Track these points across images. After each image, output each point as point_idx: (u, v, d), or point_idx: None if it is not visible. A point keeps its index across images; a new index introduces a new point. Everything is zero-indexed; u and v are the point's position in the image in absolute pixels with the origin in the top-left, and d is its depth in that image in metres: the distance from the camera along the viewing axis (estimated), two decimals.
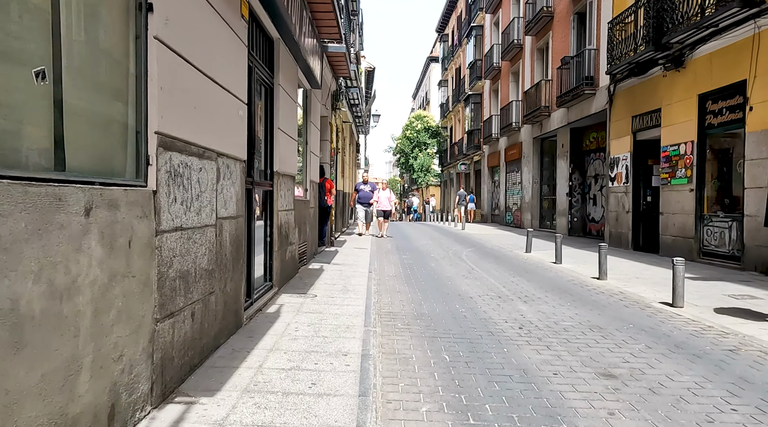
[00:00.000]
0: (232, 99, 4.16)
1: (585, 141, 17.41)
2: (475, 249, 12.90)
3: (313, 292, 6.41)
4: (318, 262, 9.21)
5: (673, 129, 10.99)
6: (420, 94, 63.78)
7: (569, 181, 17.65)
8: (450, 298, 6.49)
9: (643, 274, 8.81)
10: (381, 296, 6.47)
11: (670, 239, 11.07)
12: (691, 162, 10.38)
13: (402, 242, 14.63)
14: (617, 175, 13.45)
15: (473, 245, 13.91)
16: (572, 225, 17.67)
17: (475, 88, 30.47)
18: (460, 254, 11.75)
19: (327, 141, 11.84)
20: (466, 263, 10.03)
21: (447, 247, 13.34)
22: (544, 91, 18.58)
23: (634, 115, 12.65)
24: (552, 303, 6.32)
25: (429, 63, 54.63)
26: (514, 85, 23.79)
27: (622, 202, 13.17)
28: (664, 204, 11.35)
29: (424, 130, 41.86)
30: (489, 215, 28.55)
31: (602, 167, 16.40)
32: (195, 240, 3.39)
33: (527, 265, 10.02)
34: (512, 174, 24.06)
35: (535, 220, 20.92)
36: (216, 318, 3.86)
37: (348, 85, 15.20)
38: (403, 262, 9.99)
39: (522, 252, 12.23)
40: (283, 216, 6.61)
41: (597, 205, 16.75)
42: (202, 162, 3.51)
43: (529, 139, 21.06)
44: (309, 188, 9.05)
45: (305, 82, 8.56)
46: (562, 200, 18.13)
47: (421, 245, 13.56)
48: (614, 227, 13.57)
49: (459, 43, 36.79)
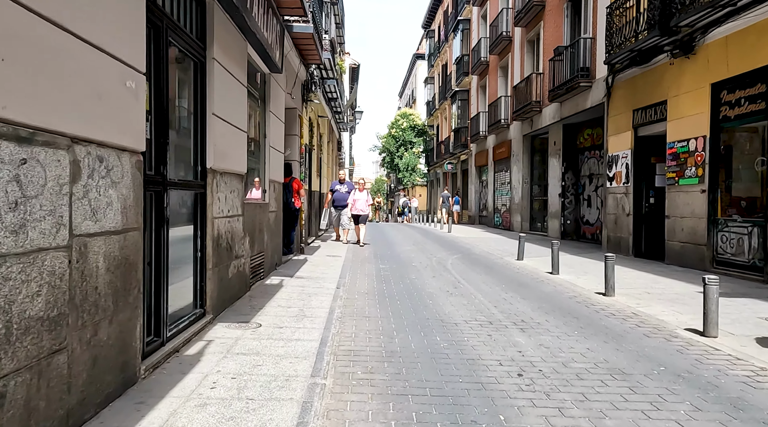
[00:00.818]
0: (109, 62, 2.88)
1: (579, 138, 16.31)
2: (461, 256, 11.69)
3: (259, 319, 5.13)
4: (279, 275, 7.92)
5: (681, 123, 9.87)
6: (406, 92, 62.61)
7: (562, 181, 16.54)
8: (430, 325, 5.25)
9: (654, 288, 7.65)
10: (344, 324, 5.21)
11: (678, 245, 9.95)
12: (702, 159, 9.26)
13: (382, 248, 13.39)
14: (616, 175, 12.34)
15: (460, 251, 12.71)
16: (565, 228, 16.56)
17: (462, 84, 29.33)
18: (445, 262, 10.53)
19: (296, 136, 10.55)
20: (451, 275, 8.81)
21: (431, 253, 12.12)
22: (535, 86, 17.44)
23: (635, 109, 11.53)
24: (555, 331, 5.11)
25: (415, 60, 53.47)
26: (502, 80, 22.67)
27: (622, 203, 12.05)
28: (670, 206, 10.23)
29: (410, 129, 40.67)
30: (476, 217, 27.42)
31: (598, 166, 15.30)
32: (8, 276, 2.11)
33: (520, 276, 8.83)
34: (501, 174, 22.94)
35: (525, 222, 19.80)
36: (70, 387, 2.57)
37: (324, 76, 13.91)
38: (380, 273, 8.74)
39: (513, 259, 11.05)
40: (223, 224, 5.33)
41: (592, 206, 15.66)
42: (27, 150, 2.23)
43: (519, 136, 19.94)
44: (269, 189, 7.76)
45: (262, 65, 7.28)
46: (554, 201, 17.02)
47: (403, 252, 12.33)
48: (613, 231, 12.45)
49: (445, 38, 35.66)
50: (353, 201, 12.38)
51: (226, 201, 5.40)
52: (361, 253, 11.69)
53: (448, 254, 11.96)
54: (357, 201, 12.40)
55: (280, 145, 8.58)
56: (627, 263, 10.47)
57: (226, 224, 5.42)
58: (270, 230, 7.88)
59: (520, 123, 19.64)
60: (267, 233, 7.62)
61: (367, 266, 9.62)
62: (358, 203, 12.56)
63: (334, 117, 20.49)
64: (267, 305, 5.80)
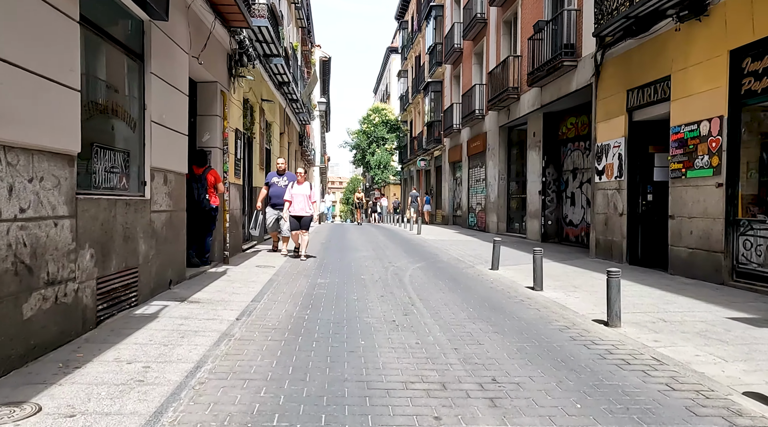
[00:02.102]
0: None
1: (561, 128, 14.51)
2: (425, 265, 9.72)
3: (45, 399, 3.03)
4: (168, 298, 5.81)
5: (689, 102, 8.06)
6: (381, 88, 60.61)
7: (542, 176, 14.72)
8: (342, 402, 3.21)
9: (668, 312, 5.77)
10: (195, 404, 3.14)
11: (686, 252, 8.14)
12: (718, 146, 7.45)
13: (333, 254, 11.34)
14: (606, 168, 10.52)
15: (424, 258, 10.74)
16: (546, 229, 14.75)
17: (435, 75, 27.45)
18: (403, 273, 8.55)
19: (216, 117, 8.44)
20: (406, 292, 6.82)
21: (390, 261, 10.12)
22: (512, 70, 15.60)
23: (629, 89, 9.71)
24: (546, 403, 3.15)
25: (389, 54, 51.49)
26: (477, 68, 20.82)
27: (614, 201, 10.23)
28: (675, 204, 8.42)
29: (382, 124, 38.66)
30: (450, 217, 25.56)
31: (583, 159, 13.51)
32: None
33: (494, 293, 6.88)
34: (476, 169, 21.09)
35: (501, 222, 17.96)
36: None
37: (267, 51, 11.79)
38: (313, 292, 6.70)
39: (486, 268, 9.14)
40: (6, 232, 3.23)
41: (576, 205, 13.86)
42: None
43: (495, 128, 18.09)
44: (150, 181, 5.65)
45: (132, 5, 5.17)
46: (533, 200, 15.20)
47: (356, 260, 10.31)
48: (603, 234, 10.63)
49: (419, 28, 33.76)
50: (291, 197, 9.58)
51: (13, 196, 3.30)
52: (303, 262, 9.62)
53: (409, 262, 9.98)
54: (295, 197, 9.45)
55: (179, 123, 6.47)
56: (623, 274, 8.63)
57: (14, 232, 3.32)
58: (156, 235, 5.78)
59: (496, 113, 17.80)
60: (146, 240, 5.51)
61: (301, 281, 7.56)
62: (297, 201, 9.46)
63: (290, 105, 18.36)
64: (96, 359, 3.70)
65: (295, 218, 9.51)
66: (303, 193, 9.45)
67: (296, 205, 9.40)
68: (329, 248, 12.58)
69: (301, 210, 9.45)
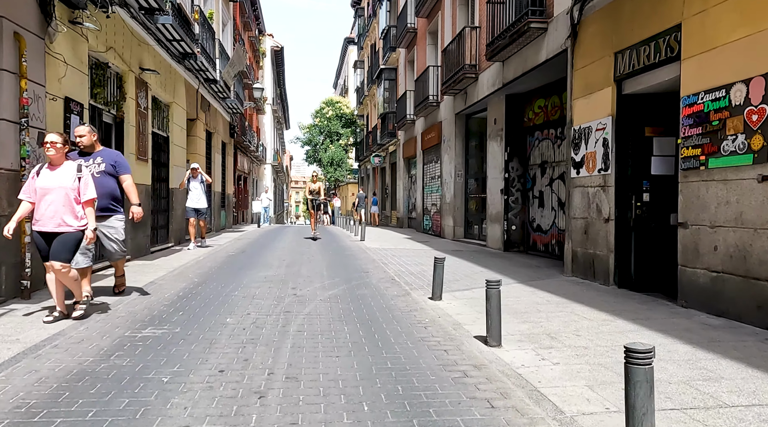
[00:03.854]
0: None
1: (527, 113, 11.99)
2: (344, 290, 6.96)
3: None
4: None
5: (712, 58, 5.54)
6: (339, 82, 57.67)
7: (505, 172, 12.19)
8: None
9: (717, 392, 3.16)
10: None
11: (706, 275, 5.62)
12: (762, 120, 4.94)
13: (226, 274, 8.48)
14: (587, 158, 7.99)
15: (350, 278, 7.98)
16: (509, 236, 12.21)
17: (389, 61, 24.79)
18: (303, 307, 5.76)
19: (12, 74, 5.46)
20: (276, 356, 4.03)
21: (299, 284, 7.33)
22: (469, 44, 13.02)
23: (618, 51, 7.20)
24: None
25: (347, 45, 48.58)
26: (432, 49, 18.23)
27: (597, 202, 7.70)
28: (689, 207, 5.90)
29: (336, 118, 35.76)
30: (405, 219, 22.93)
31: (553, 150, 11.02)
32: None
33: (423, 358, 4.14)
34: (430, 165, 18.50)
35: (458, 227, 15.38)
36: None
37: (144, 3, 8.79)
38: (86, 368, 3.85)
39: (426, 297, 6.46)
40: None
41: (545, 206, 11.37)
42: None
43: (451, 116, 15.50)
44: None
45: None
46: (494, 200, 12.65)
47: (255, 282, 7.47)
48: (581, 245, 8.09)
49: (373, 12, 31.06)
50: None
51: None
52: (175, 285, 6.72)
53: (324, 286, 7.19)
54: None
55: None
56: (611, 303, 6.08)
57: None
58: None
59: (452, 98, 15.21)
60: None
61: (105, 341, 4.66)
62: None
63: (207, 87, 15.31)
64: None
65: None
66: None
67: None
68: (232, 264, 9.69)
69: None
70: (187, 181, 11.25)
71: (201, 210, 11.35)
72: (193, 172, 11.30)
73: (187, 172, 11.50)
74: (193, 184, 11.20)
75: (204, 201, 11.31)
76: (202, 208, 11.33)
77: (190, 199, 11.17)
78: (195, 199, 11.16)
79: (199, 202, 11.19)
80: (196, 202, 11.19)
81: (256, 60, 37.96)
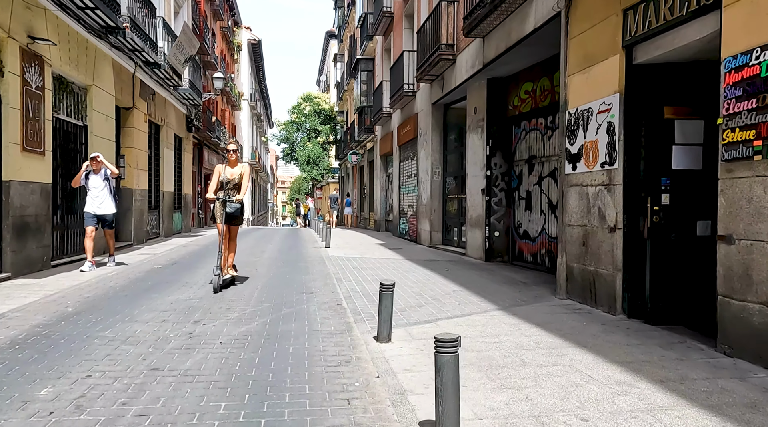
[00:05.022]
0: None
1: (512, 100, 10.27)
2: (264, 324, 5.15)
3: None
4: None
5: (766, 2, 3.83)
6: (321, 78, 55.77)
7: (486, 169, 10.45)
8: None
9: None
10: None
11: (763, 311, 3.89)
12: None
13: (123, 298, 6.64)
14: (586, 149, 6.26)
15: (281, 303, 6.17)
16: (492, 243, 10.47)
17: (367, 51, 23.02)
18: (183, 359, 3.96)
19: None
20: None
21: (203, 316, 5.50)
22: (446, 21, 11.27)
23: (627, 8, 5.47)
24: None
25: (328, 40, 46.73)
26: (408, 33, 16.48)
27: (599, 206, 5.98)
28: (734, 214, 4.17)
29: (315, 114, 33.88)
30: (382, 221, 21.17)
31: (543, 143, 9.30)
32: None
33: None
34: (407, 163, 16.74)
35: (436, 232, 13.63)
36: None
37: None
38: None
39: (371, 337, 4.68)
40: None
41: (533, 209, 9.65)
42: None
43: (427, 106, 13.75)
44: None
45: None
46: (475, 201, 10.92)
47: (151, 310, 5.66)
48: (579, 260, 6.36)
49: (352, 1, 29.25)
50: None
51: None
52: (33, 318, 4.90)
53: (241, 316, 5.38)
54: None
55: None
56: (624, 347, 4.33)
57: None
58: None
59: (429, 86, 13.46)
60: None
61: None
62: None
63: (151, 72, 13.39)
64: None
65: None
66: None
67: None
68: (143, 282, 7.81)
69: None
70: (85, 178, 8.37)
71: (105, 217, 8.45)
72: (93, 163, 8.32)
73: (85, 164, 8.46)
74: (94, 182, 8.33)
75: (110, 204, 8.42)
76: (106, 214, 8.44)
77: (89, 203, 8.33)
78: (96, 201, 8.31)
79: (102, 206, 8.34)
80: (97, 207, 8.32)
81: (230, 53, 36.02)
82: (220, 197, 7.08)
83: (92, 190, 8.33)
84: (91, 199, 8.33)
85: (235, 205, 7.07)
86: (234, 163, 7.27)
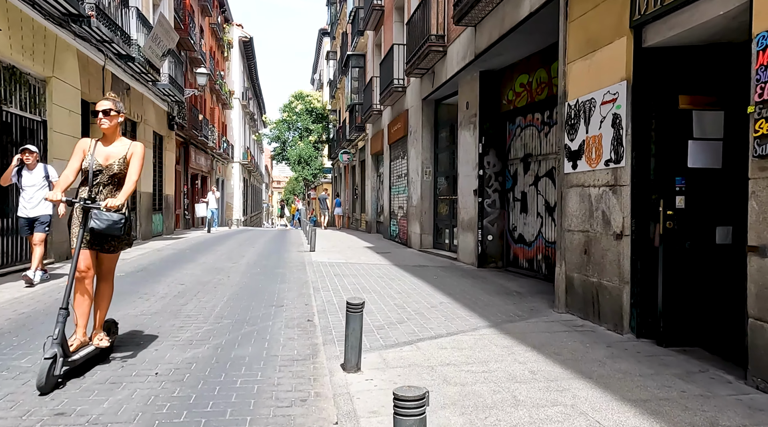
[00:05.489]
0: None
1: (507, 94, 9.56)
2: (214, 348, 4.42)
3: None
4: None
5: None
6: (315, 77, 55.00)
7: (479, 168, 9.74)
8: None
9: None
10: None
11: None
12: None
13: (36, 326, 5.87)
14: (588, 145, 5.56)
15: (242, 319, 5.44)
16: (485, 248, 9.76)
17: (358, 46, 22.32)
18: None
19: None
20: None
21: (144, 339, 4.78)
22: (436, 10, 10.57)
23: None
24: None
25: (322, 37, 45.96)
26: (399, 26, 15.77)
27: (603, 209, 5.27)
28: None
29: (307, 113, 33.13)
30: (373, 223, 20.46)
31: (539, 140, 8.60)
32: None
33: None
34: (397, 162, 16.03)
35: (426, 235, 12.92)
36: None
37: None
38: None
39: (338, 364, 3.94)
40: None
41: (529, 212, 8.94)
42: None
43: (417, 102, 13.05)
44: None
45: None
46: (467, 203, 10.21)
47: None
48: (580, 270, 5.65)
49: None
50: None
51: None
52: None
53: (191, 337, 4.64)
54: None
55: None
56: (636, 379, 3.59)
57: None
58: None
59: (419, 80, 12.75)
60: None
61: None
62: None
63: (124, 65, 12.63)
64: None
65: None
66: None
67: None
68: None
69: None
70: (16, 174, 6.93)
71: (39, 219, 6.98)
72: (24, 155, 6.84)
73: (15, 158, 6.96)
74: (29, 179, 6.92)
75: (45, 204, 6.89)
76: (40, 215, 6.97)
77: (21, 206, 6.97)
78: (30, 204, 6.94)
79: (37, 208, 6.95)
80: (29, 209, 6.95)
81: (221, 50, 35.23)
82: (78, 200, 3.81)
83: (26, 189, 6.92)
84: (24, 201, 6.95)
85: (108, 216, 3.70)
86: (112, 135, 3.94)
